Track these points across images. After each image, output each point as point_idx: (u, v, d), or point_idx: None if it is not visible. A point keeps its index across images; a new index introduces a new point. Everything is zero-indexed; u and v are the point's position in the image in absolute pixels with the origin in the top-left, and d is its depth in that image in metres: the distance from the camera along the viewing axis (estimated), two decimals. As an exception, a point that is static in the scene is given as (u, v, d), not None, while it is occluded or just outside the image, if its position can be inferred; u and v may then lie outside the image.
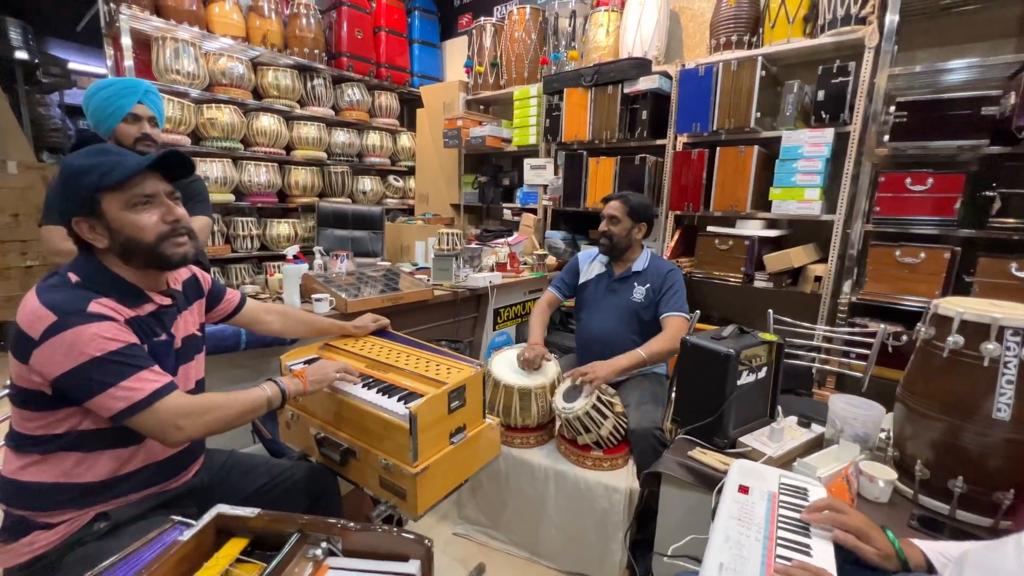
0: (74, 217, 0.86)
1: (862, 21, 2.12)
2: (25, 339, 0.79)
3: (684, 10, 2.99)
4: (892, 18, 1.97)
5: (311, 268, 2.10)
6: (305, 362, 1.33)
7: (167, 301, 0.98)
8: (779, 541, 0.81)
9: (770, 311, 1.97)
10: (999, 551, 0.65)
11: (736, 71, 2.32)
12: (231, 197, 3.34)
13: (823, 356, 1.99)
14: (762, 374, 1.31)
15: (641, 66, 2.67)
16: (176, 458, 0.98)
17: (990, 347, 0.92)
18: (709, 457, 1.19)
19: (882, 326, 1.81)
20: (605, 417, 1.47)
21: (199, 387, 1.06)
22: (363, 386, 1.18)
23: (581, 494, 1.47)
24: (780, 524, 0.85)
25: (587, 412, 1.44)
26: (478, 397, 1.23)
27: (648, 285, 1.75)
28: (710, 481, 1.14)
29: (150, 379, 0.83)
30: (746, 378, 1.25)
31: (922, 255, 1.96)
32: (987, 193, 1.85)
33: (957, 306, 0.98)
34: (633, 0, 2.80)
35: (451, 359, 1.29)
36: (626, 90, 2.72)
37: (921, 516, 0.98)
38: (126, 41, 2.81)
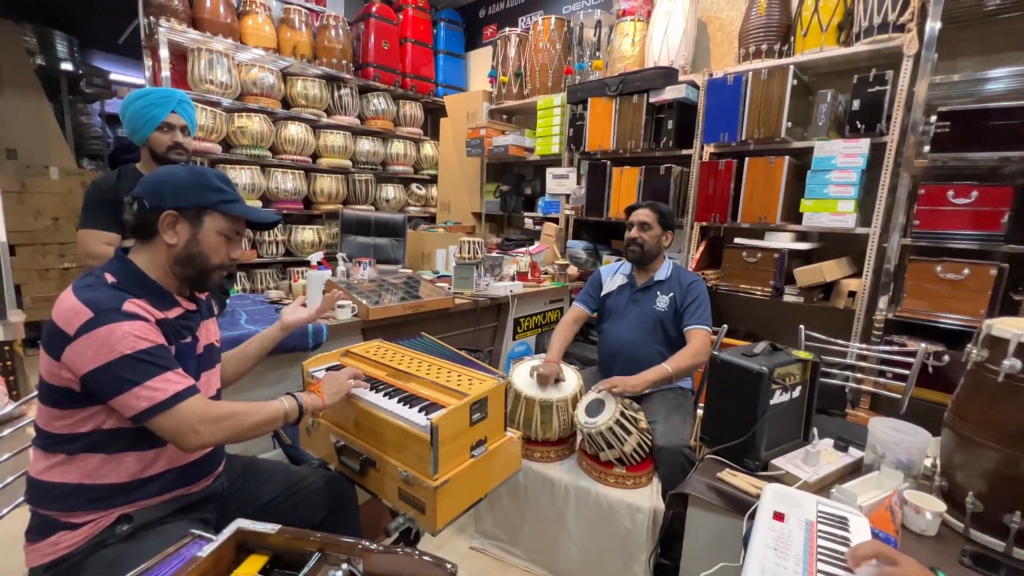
0: (171, 209, 0.90)
1: (900, 29, 2.05)
2: (60, 335, 0.81)
3: (712, 19, 2.95)
4: (933, 25, 1.90)
5: (334, 274, 2.12)
6: (327, 369, 1.32)
7: (193, 306, 1.00)
8: None
9: (801, 327, 1.90)
10: None
11: (766, 80, 2.27)
12: (258, 204, 3.41)
13: (857, 375, 1.91)
14: (796, 393, 1.25)
15: (668, 75, 2.64)
16: (199, 463, 0.98)
17: (1052, 372, 0.85)
18: (740, 480, 1.13)
19: (923, 345, 1.73)
20: (629, 433, 1.42)
21: (217, 397, 1.07)
22: (384, 395, 1.17)
23: (603, 512, 1.43)
24: (820, 557, 0.80)
25: (610, 427, 1.40)
26: (500, 409, 1.20)
27: (671, 294, 1.72)
28: (741, 505, 1.09)
29: (174, 380, 0.84)
30: (779, 397, 1.20)
31: (966, 271, 1.87)
32: (1037, 207, 1.76)
33: (1013, 327, 0.92)
34: (660, 10, 2.77)
35: (473, 370, 1.27)
36: (652, 99, 2.69)
37: (973, 552, 0.91)
38: (164, 53, 2.91)
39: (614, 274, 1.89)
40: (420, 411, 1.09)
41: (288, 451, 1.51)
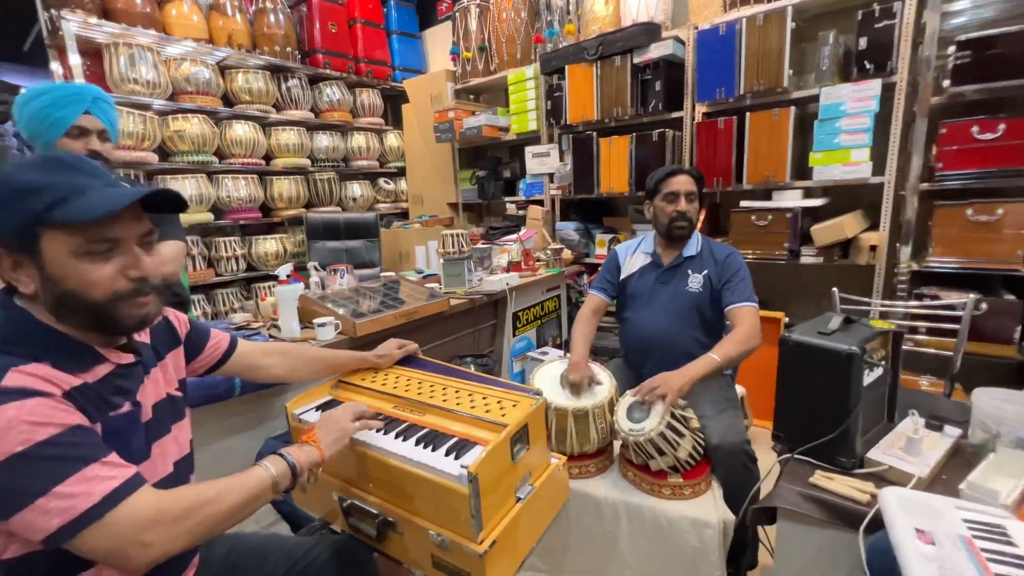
0: None
1: (902, -44, 1.88)
2: None
3: (688, -31, 2.74)
4: (940, -53, 1.74)
5: (307, 287, 1.84)
6: (317, 408, 1.07)
7: (128, 358, 0.71)
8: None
9: (835, 290, 1.75)
10: None
11: (762, 26, 2.08)
12: (209, 216, 3.04)
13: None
14: (879, 372, 1.08)
15: (650, 32, 2.42)
16: (157, 572, 0.71)
17: None
18: (838, 483, 0.95)
19: (971, 296, 1.59)
20: (681, 436, 1.22)
21: (181, 469, 0.79)
22: (396, 436, 0.93)
23: (662, 531, 1.23)
24: (1010, 593, 0.62)
25: (661, 433, 1.20)
26: (542, 435, 0.98)
27: (705, 271, 1.50)
28: (846, 515, 0.91)
29: (103, 475, 0.58)
30: (866, 378, 1.02)
31: (999, 211, 1.74)
32: (1071, 135, 1.63)
33: None
34: (633, -39, 2.54)
35: (500, 389, 1.04)
36: (636, 60, 2.47)
37: None
38: (71, 45, 2.49)
39: (633, 252, 1.65)
40: (448, 454, 0.86)
41: (280, 508, 1.25)
